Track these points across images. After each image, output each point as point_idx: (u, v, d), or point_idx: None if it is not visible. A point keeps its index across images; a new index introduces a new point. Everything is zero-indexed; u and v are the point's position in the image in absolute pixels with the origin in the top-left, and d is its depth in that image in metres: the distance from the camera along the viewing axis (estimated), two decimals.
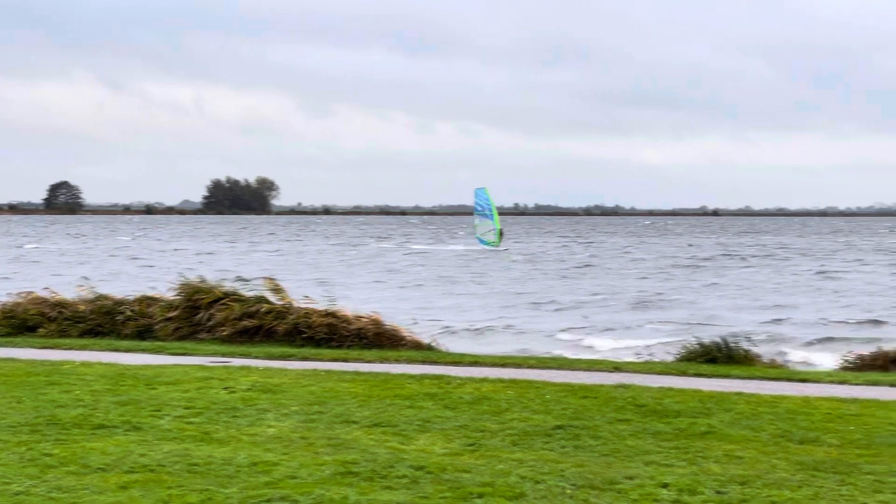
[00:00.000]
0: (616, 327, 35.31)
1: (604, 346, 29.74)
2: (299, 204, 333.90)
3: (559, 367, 19.70)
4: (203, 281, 24.63)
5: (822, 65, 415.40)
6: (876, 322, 36.23)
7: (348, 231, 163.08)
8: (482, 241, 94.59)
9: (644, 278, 60.10)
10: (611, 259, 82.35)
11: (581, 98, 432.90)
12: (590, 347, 29.48)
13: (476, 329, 34.10)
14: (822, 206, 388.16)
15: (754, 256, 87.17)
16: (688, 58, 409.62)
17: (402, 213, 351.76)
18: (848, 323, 36.16)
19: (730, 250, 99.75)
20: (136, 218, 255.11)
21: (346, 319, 22.70)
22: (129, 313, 24.01)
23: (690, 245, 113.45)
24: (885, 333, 32.41)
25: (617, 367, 19.63)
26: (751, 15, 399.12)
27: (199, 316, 23.50)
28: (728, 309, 41.74)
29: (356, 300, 31.46)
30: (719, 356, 20.48)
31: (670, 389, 16.41)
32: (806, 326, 35.04)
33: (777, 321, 36.70)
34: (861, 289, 52.14)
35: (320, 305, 23.41)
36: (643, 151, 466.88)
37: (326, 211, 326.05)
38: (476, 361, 20.26)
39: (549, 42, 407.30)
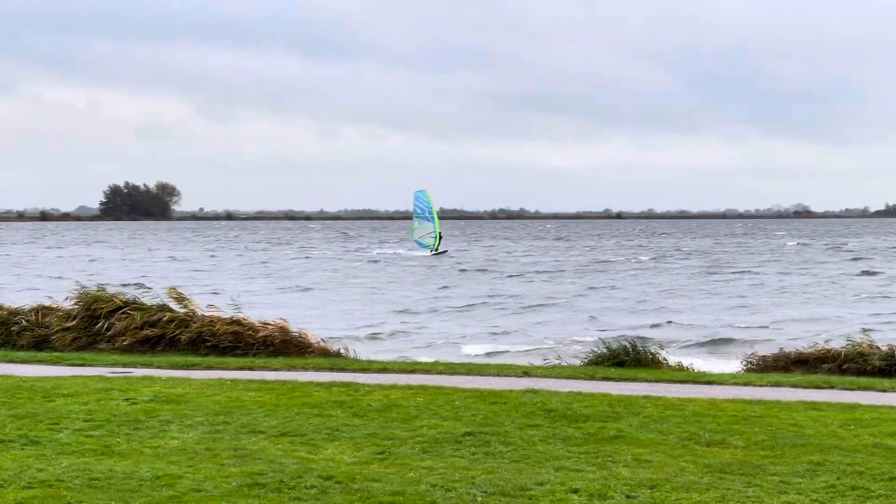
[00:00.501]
0: (506, 331, 35.37)
1: (497, 349, 29.96)
2: (201, 209, 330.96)
3: (468, 373, 19.64)
4: (102, 289, 24.21)
5: (719, 69, 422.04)
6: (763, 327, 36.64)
7: (245, 237, 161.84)
8: (421, 244, 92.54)
9: (530, 282, 60.31)
10: (505, 263, 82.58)
11: (483, 102, 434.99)
12: (490, 354, 29.45)
13: (377, 334, 33.97)
14: (722, 208, 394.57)
15: (652, 259, 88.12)
16: (586, 62, 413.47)
17: (307, 217, 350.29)
18: (743, 327, 36.56)
19: (623, 253, 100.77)
20: (29, 225, 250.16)
21: (251, 327, 22.44)
22: (24, 323, 23.51)
23: (588, 248, 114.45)
24: (776, 335, 32.94)
25: (526, 372, 19.63)
26: (647, 19, 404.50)
27: (98, 325, 23.07)
28: (618, 311, 42.03)
29: (262, 307, 31.16)
30: (627, 360, 20.59)
31: (579, 394, 16.45)
32: (695, 329, 35.32)
33: (671, 324, 36.98)
34: (749, 291, 52.92)
35: (225, 313, 23.12)
36: (547, 155, 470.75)
37: (229, 216, 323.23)
38: (385, 368, 20.13)
39: (448, 46, 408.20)
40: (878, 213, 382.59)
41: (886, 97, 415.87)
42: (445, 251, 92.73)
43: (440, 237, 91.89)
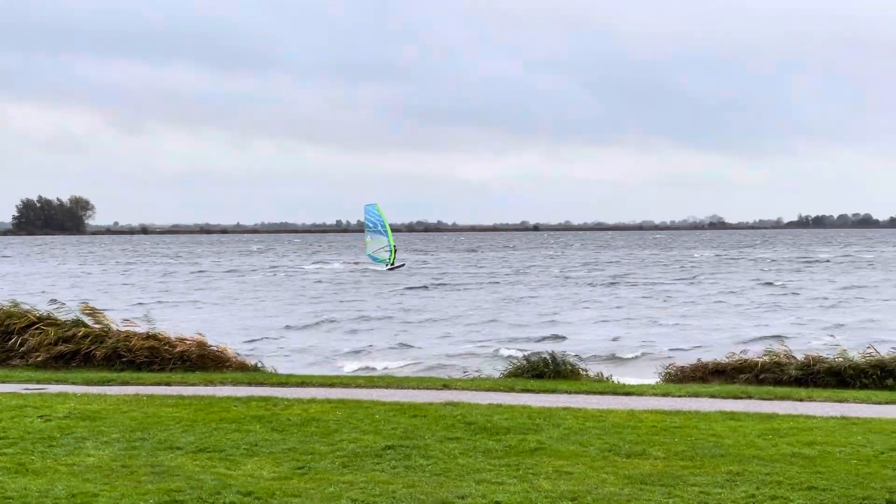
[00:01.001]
0: (406, 344, 35.25)
1: (376, 364, 29.86)
2: (116, 223, 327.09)
3: (388, 386, 19.56)
4: (15, 305, 23.77)
5: (629, 81, 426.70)
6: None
7: (164, 251, 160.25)
8: (375, 259, 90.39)
9: (428, 297, 60.33)
10: (413, 275, 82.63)
11: (396, 114, 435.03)
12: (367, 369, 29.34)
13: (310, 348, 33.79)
14: (638, 220, 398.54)
15: (547, 270, 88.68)
16: (498, 75, 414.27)
17: (223, 231, 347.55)
18: (649, 340, 36.86)
19: (532, 265, 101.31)
20: None
21: (168, 342, 22.16)
22: None
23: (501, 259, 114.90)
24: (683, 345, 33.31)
25: (446, 385, 19.60)
26: (557, 32, 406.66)
27: (11, 342, 22.65)
28: (522, 325, 41.84)
29: (179, 321, 30.78)
30: (547, 371, 20.63)
31: (499, 406, 16.44)
32: (602, 342, 35.45)
33: (567, 338, 36.87)
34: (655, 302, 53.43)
35: (141, 328, 22.81)
36: (462, 168, 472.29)
37: (144, 230, 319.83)
38: (304, 382, 19.98)
39: (359, 59, 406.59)
40: (791, 224, 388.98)
41: (795, 110, 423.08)
42: (402, 265, 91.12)
43: (395, 251, 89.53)
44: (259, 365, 22.40)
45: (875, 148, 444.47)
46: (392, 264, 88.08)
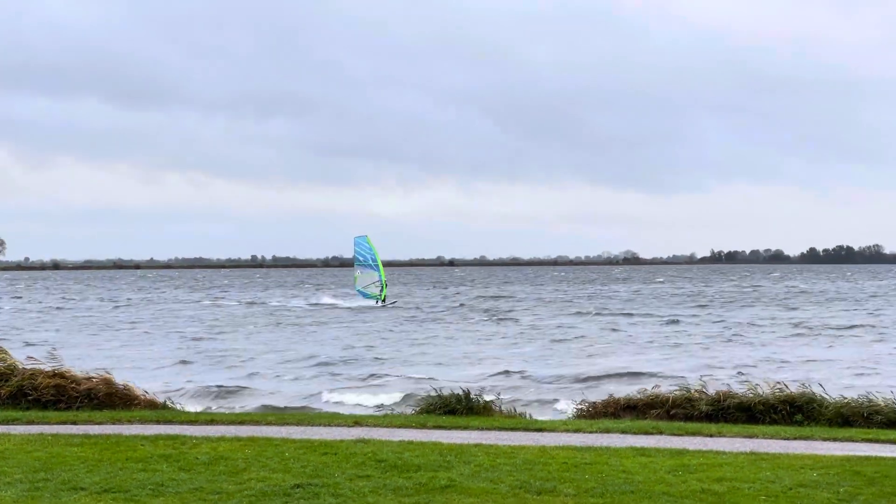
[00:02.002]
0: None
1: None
2: (27, 259, 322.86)
3: (299, 423, 19.39)
4: None
5: (537, 117, 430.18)
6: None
7: (73, 287, 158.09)
8: (364, 295, 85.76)
9: (335, 340, 60.04)
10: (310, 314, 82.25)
11: (305, 149, 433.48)
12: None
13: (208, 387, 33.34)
14: (553, 255, 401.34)
15: (460, 306, 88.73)
16: (405, 109, 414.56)
17: (136, 266, 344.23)
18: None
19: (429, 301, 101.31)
20: None
21: (74, 380, 21.77)
22: None
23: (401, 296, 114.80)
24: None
25: (357, 422, 19.47)
26: (462, 65, 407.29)
27: None
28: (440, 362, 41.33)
29: (88, 359, 30.24)
30: (458, 407, 20.60)
31: (410, 443, 16.36)
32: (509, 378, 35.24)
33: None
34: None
35: (47, 366, 22.39)
36: (374, 202, 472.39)
37: (56, 266, 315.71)
38: (213, 420, 19.74)
39: (265, 93, 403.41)
40: (704, 260, 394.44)
41: (700, 146, 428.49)
42: (395, 302, 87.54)
43: (385, 286, 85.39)
44: (168, 403, 22.09)
45: (781, 184, 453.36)
46: (383, 301, 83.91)
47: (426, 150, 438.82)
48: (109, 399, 21.51)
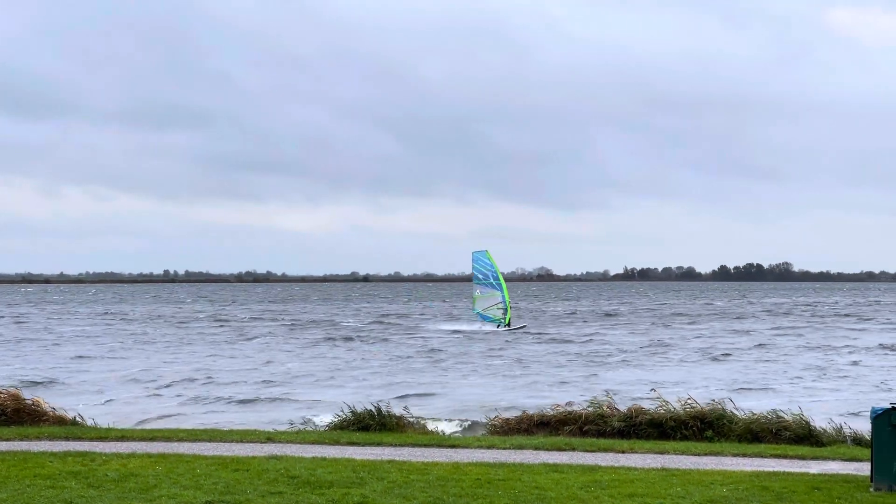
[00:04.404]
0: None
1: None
2: None
3: (211, 439, 19.21)
4: None
5: (438, 133, 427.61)
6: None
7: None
8: (485, 318, 73.63)
9: (229, 355, 59.74)
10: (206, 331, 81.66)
11: (207, 162, 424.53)
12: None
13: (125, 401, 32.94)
14: (467, 272, 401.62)
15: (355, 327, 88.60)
16: (304, 123, 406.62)
17: (46, 281, 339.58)
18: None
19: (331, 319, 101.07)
20: None
21: None
22: None
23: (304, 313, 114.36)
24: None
25: (270, 438, 19.33)
26: (359, 82, 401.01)
27: None
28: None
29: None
30: (372, 424, 20.55)
31: (323, 459, 16.29)
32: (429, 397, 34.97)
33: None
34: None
35: None
36: (281, 217, 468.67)
37: None
38: (123, 436, 19.47)
39: (161, 105, 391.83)
40: (617, 277, 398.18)
41: (603, 164, 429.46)
42: (524, 326, 75.74)
43: (510, 308, 73.64)
44: (78, 419, 21.76)
45: (687, 201, 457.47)
46: (508, 325, 72.11)
47: (329, 164, 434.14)
48: (17, 415, 21.12)
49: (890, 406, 14.03)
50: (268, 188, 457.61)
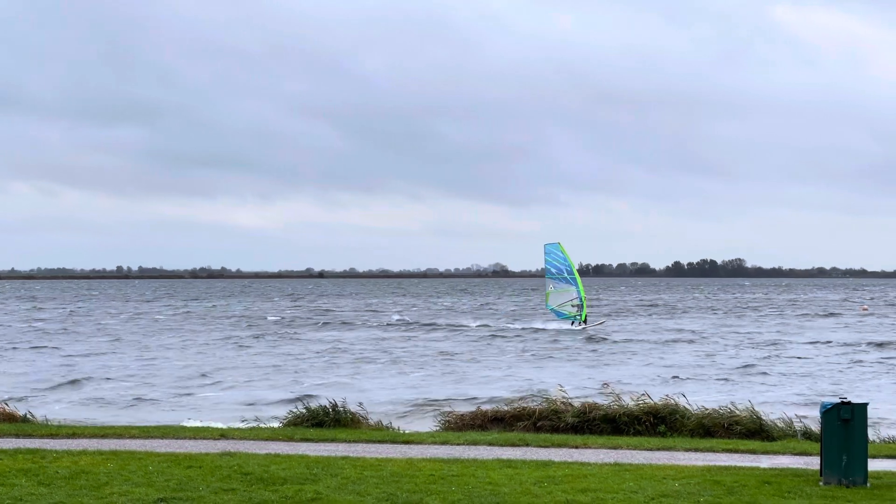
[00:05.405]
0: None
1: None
2: None
3: (164, 436, 19.11)
4: None
5: (386, 128, 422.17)
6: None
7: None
8: (559, 314, 69.52)
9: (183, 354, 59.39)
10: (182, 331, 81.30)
11: (155, 159, 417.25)
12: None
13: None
14: (423, 268, 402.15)
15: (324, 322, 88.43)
16: (252, 118, 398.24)
17: None
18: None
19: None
20: None
21: None
22: None
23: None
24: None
25: (223, 434, 19.26)
26: (304, 76, 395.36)
27: None
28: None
29: None
30: (326, 420, 20.51)
31: (277, 456, 16.24)
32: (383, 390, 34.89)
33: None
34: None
35: None
36: (231, 213, 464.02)
37: None
38: (74, 433, 19.33)
39: (106, 99, 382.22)
40: None
41: (552, 160, 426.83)
42: (602, 322, 72.05)
43: (585, 304, 69.51)
44: (28, 416, 21.58)
45: (636, 198, 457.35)
46: (584, 321, 67.92)
47: (278, 160, 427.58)
48: None
49: (839, 401, 14.16)
50: (218, 183, 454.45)
